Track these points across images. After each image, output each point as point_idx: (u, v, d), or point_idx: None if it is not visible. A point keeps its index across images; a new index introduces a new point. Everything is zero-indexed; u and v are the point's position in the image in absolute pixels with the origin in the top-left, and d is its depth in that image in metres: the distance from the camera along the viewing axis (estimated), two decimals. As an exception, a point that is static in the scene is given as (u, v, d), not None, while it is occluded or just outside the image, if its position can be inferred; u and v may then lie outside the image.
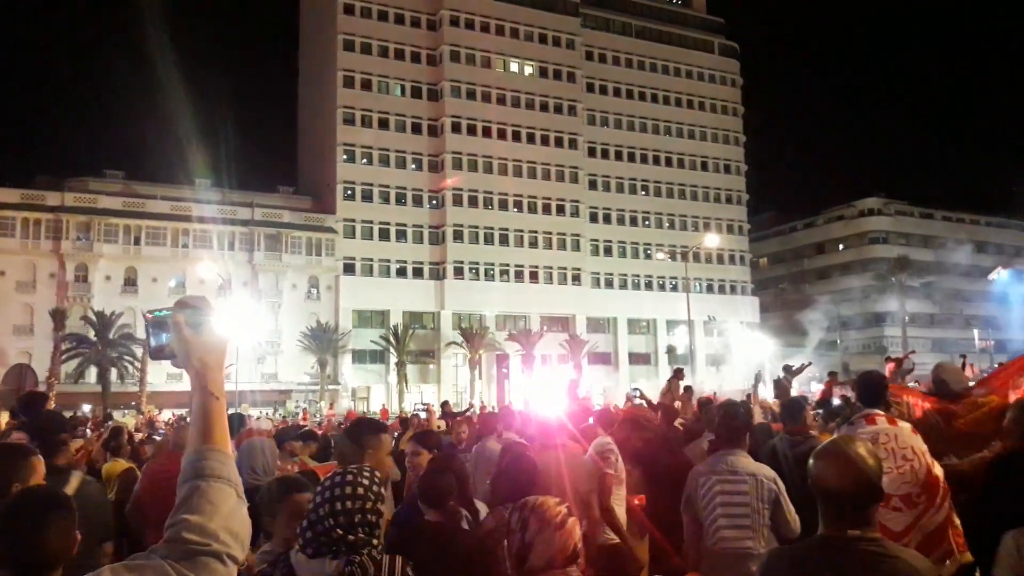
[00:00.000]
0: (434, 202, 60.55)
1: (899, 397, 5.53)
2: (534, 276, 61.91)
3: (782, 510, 4.16)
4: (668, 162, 69.34)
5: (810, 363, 14.90)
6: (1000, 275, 58.00)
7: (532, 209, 62.51)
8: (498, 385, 59.28)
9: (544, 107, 63.89)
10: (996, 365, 18.94)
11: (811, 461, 2.30)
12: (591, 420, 6.42)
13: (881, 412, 4.69)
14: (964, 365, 15.38)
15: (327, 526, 2.22)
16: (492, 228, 61.01)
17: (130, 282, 51.92)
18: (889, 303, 66.54)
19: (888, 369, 13.95)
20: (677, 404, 12.08)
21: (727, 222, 70.58)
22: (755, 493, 4.15)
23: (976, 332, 66.18)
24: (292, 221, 56.50)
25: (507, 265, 61.12)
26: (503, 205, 61.59)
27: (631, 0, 70.69)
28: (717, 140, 71.74)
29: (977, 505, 4.15)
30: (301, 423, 24.47)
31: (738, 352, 63.41)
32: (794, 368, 14.32)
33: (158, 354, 1.51)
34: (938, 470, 4.12)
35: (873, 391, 4.81)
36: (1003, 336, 66.78)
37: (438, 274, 59.58)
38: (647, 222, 68.06)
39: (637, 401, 10.27)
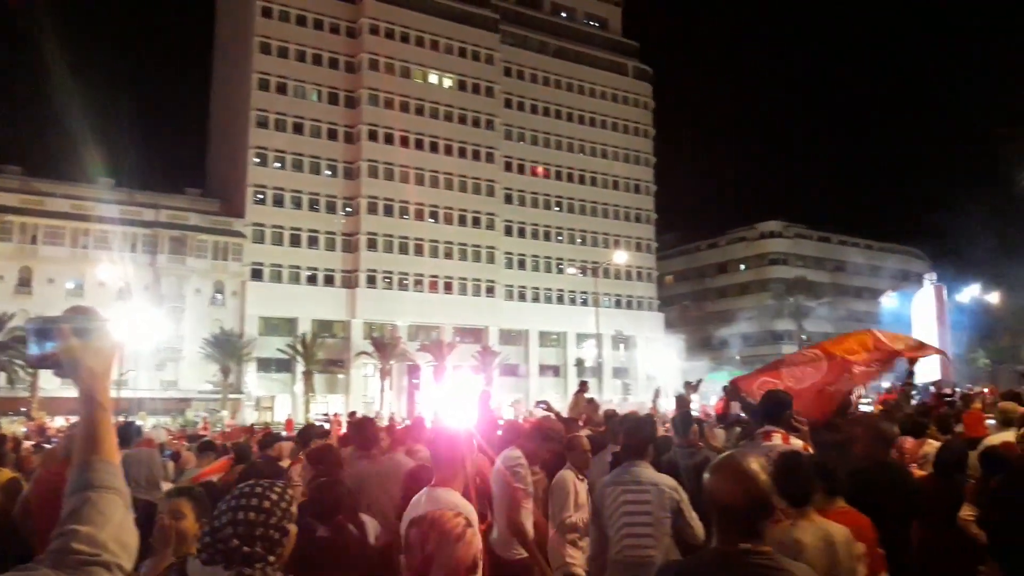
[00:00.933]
0: (348, 209, 59.91)
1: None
2: (448, 287, 61.96)
3: (684, 518, 4.26)
4: (581, 180, 70.64)
5: (701, 381, 15.58)
6: (891, 298, 61.40)
7: (448, 220, 62.62)
8: (409, 396, 58.98)
9: (462, 120, 64.20)
10: (883, 385, 19.76)
11: (705, 475, 2.33)
12: (499, 432, 6.58)
13: (778, 430, 4.86)
14: (698, 384, 16.37)
15: (226, 535, 2.15)
16: (407, 238, 60.77)
17: (24, 283, 49.37)
18: (786, 322, 69.51)
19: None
20: (582, 417, 12.50)
21: (636, 240, 72.33)
22: (657, 502, 4.25)
23: (866, 352, 69.52)
24: (199, 224, 54.88)
25: (421, 275, 60.97)
26: (419, 215, 61.46)
27: (549, 20, 71.96)
28: (628, 160, 73.51)
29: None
30: (201, 433, 23.79)
31: (643, 366, 65.18)
32: (693, 383, 15.00)
33: (39, 363, 1.49)
34: None
35: (772, 409, 5.01)
36: (891, 356, 70.34)
37: (350, 282, 58.92)
38: (560, 237, 69.12)
39: (544, 413, 10.57)
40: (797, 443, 4.50)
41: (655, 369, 59.60)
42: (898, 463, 5.33)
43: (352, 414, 20.46)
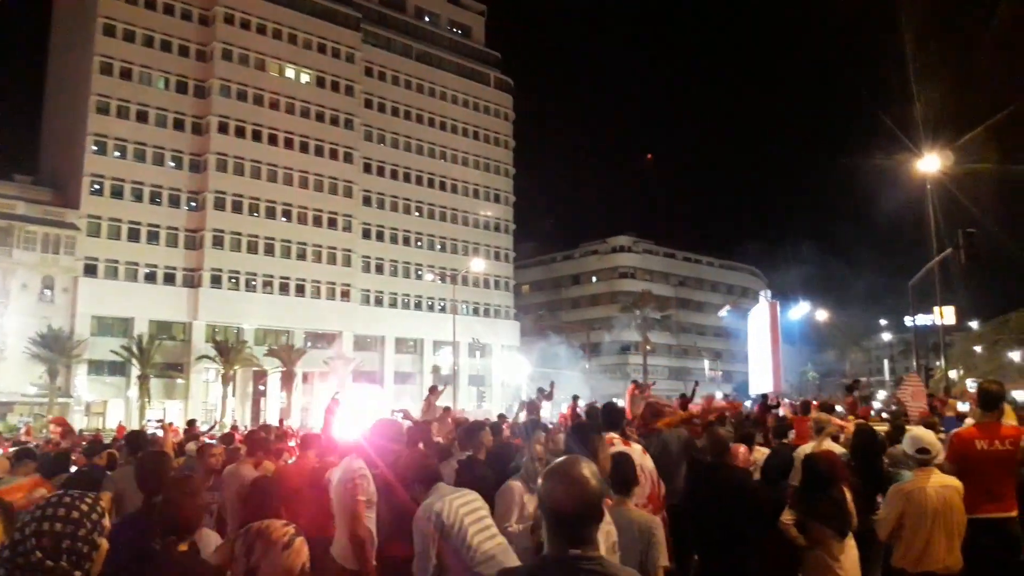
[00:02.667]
0: (193, 204, 56.80)
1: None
2: (300, 289, 59.94)
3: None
4: (442, 186, 70.49)
5: (552, 387, 15.74)
6: (727, 312, 65.06)
7: (302, 220, 60.65)
8: (253, 403, 56.72)
9: (320, 117, 62.47)
10: (719, 393, 21.48)
11: (539, 481, 2.32)
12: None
13: (617, 435, 5.86)
14: (694, 391, 17.10)
15: (28, 547, 2.01)
16: (257, 236, 58.31)
17: None
18: (634, 333, 72.08)
19: (630, 389, 15.13)
20: (434, 423, 12.25)
21: (494, 249, 72.94)
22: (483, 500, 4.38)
23: (707, 363, 73.49)
24: (27, 214, 50.36)
25: (271, 276, 58.65)
26: (270, 213, 59.14)
27: (413, 23, 71.53)
28: (488, 170, 74.09)
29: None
30: (23, 439, 21.87)
31: (498, 374, 65.79)
32: (545, 391, 15.10)
33: None
34: (661, 488, 5.12)
35: (611, 418, 6.18)
36: (729, 368, 74.74)
37: (192, 282, 55.82)
38: (419, 243, 68.61)
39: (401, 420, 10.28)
40: (636, 447, 5.74)
41: (510, 377, 60.31)
42: (735, 465, 5.98)
43: (191, 422, 19.32)
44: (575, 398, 14.91)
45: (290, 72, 61.75)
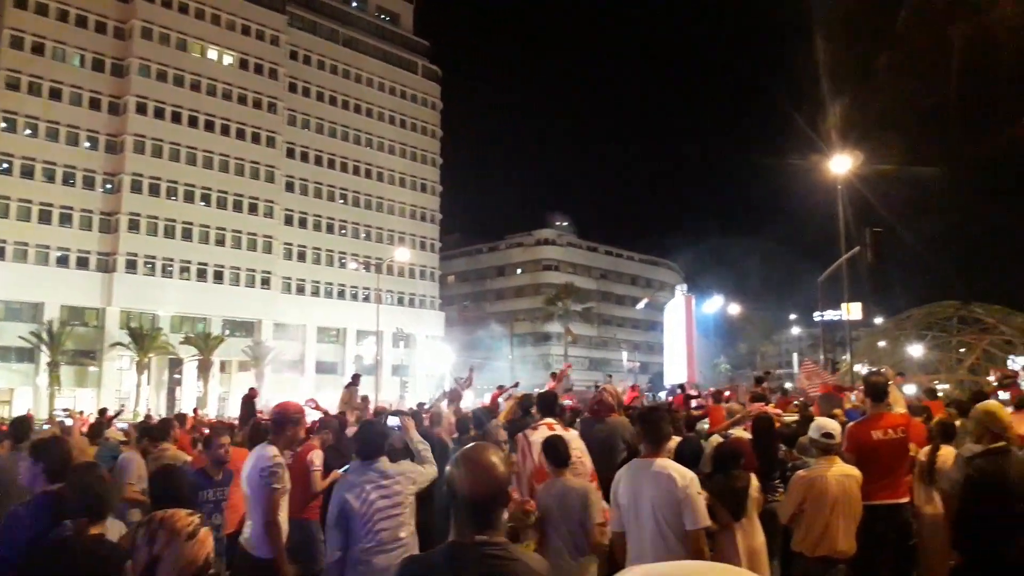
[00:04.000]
0: (109, 186, 54.88)
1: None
2: (219, 276, 58.67)
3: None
4: (368, 174, 69.83)
5: (471, 375, 16.10)
6: (645, 305, 66.61)
7: (222, 205, 59.29)
8: (169, 392, 55.42)
9: (243, 100, 61.09)
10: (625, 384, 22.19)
11: (447, 468, 2.37)
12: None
13: (553, 420, 6.41)
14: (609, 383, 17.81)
15: None
16: (174, 221, 56.72)
17: None
18: (556, 324, 73.06)
19: (550, 383, 15.65)
20: (354, 413, 12.50)
21: (420, 238, 72.76)
22: (405, 490, 4.60)
23: (625, 354, 75.09)
24: (-74, 193, 48.03)
25: (188, 262, 57.18)
26: (189, 197, 57.60)
27: (340, 8, 70.48)
28: (416, 159, 73.76)
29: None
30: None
31: (422, 363, 65.79)
32: (463, 380, 15.47)
33: None
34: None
35: (546, 404, 6.94)
36: (647, 359, 76.55)
37: (107, 266, 54.02)
38: (343, 231, 67.88)
39: (312, 410, 10.46)
40: (573, 432, 6.29)
41: (434, 367, 60.41)
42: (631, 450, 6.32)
43: (102, 411, 18.94)
44: (500, 387, 15.31)
45: (213, 53, 60.17)
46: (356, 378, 14.75)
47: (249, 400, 13.18)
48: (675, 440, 7.84)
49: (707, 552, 4.57)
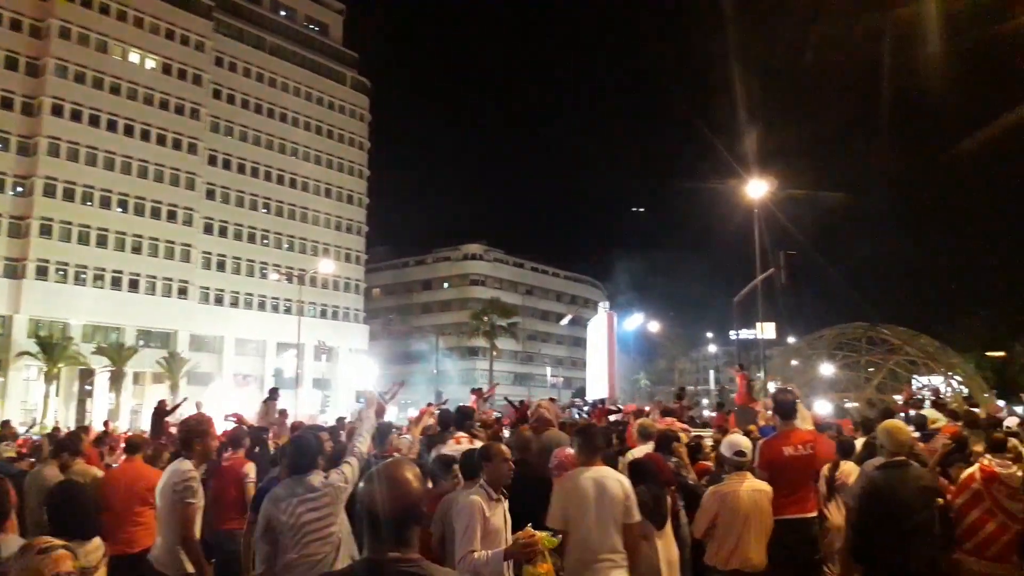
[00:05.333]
0: (20, 189, 52.61)
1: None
2: (134, 285, 56.77)
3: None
4: (292, 183, 68.83)
5: (397, 389, 16.08)
6: (569, 321, 67.46)
7: (139, 211, 57.43)
8: (79, 404, 53.25)
9: (164, 106, 59.48)
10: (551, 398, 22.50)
11: (360, 483, 2.37)
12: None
13: (464, 434, 6.83)
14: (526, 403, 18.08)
15: None
16: (89, 227, 54.71)
17: None
18: (481, 339, 73.23)
19: (472, 399, 15.79)
20: (272, 427, 12.42)
21: (345, 250, 72.01)
22: (335, 500, 4.47)
23: (549, 369, 75.78)
24: None
25: (103, 270, 55.19)
26: (105, 203, 55.65)
27: (268, 16, 69.52)
28: (343, 170, 73.08)
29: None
30: None
31: (345, 377, 64.91)
32: (387, 394, 15.44)
33: None
34: None
35: (460, 418, 7.34)
36: (570, 374, 77.42)
37: (15, 272, 51.64)
38: (265, 241, 66.63)
39: (233, 424, 10.37)
40: (477, 443, 6.39)
41: (357, 380, 59.65)
42: (533, 462, 6.56)
43: (5, 423, 18.22)
44: (431, 404, 15.39)
45: (134, 56, 58.48)
46: (274, 392, 14.65)
47: (159, 413, 12.94)
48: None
49: (642, 542, 4.96)
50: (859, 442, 7.74)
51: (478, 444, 6.65)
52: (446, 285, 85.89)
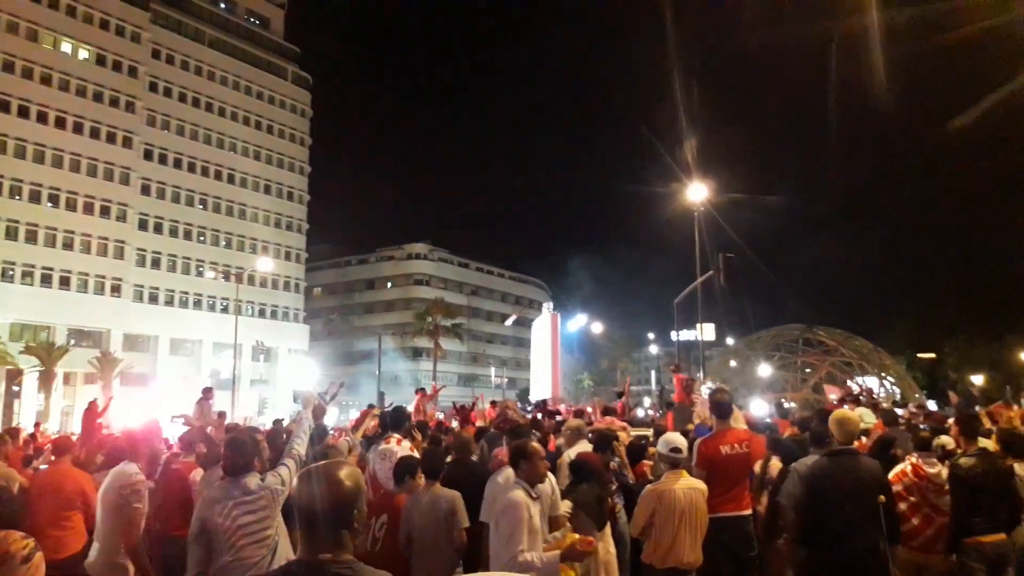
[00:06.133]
0: (-59, 184, 50.62)
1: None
2: (65, 282, 54.94)
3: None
4: (231, 179, 67.48)
5: (339, 390, 15.93)
6: (513, 322, 67.61)
7: (71, 206, 55.62)
8: (6, 405, 51.24)
9: (98, 98, 57.67)
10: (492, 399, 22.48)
11: (294, 483, 2.43)
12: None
13: (397, 435, 6.82)
14: (475, 404, 18.10)
15: None
16: (17, 222, 52.72)
17: None
18: (425, 339, 72.94)
19: (417, 400, 15.69)
20: (210, 428, 12.14)
21: (285, 248, 70.90)
22: (271, 503, 4.40)
23: (493, 370, 75.83)
24: None
25: (32, 266, 53.25)
26: (35, 197, 53.69)
27: (208, 8, 68.03)
28: (283, 166, 71.95)
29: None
30: None
31: (284, 378, 63.87)
32: (327, 396, 15.27)
33: None
34: None
35: (396, 419, 7.29)
36: (515, 375, 77.61)
37: (-62, 270, 49.66)
38: (202, 238, 65.17)
39: (183, 426, 10.14)
40: (407, 444, 6.65)
41: (297, 381, 58.76)
42: (471, 461, 6.80)
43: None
44: (371, 406, 15.21)
45: (66, 46, 56.52)
46: (208, 392, 14.29)
47: (90, 414, 12.54)
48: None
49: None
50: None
51: (407, 445, 6.71)
52: (390, 285, 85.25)
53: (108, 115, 58.10)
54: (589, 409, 17.23)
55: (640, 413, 21.89)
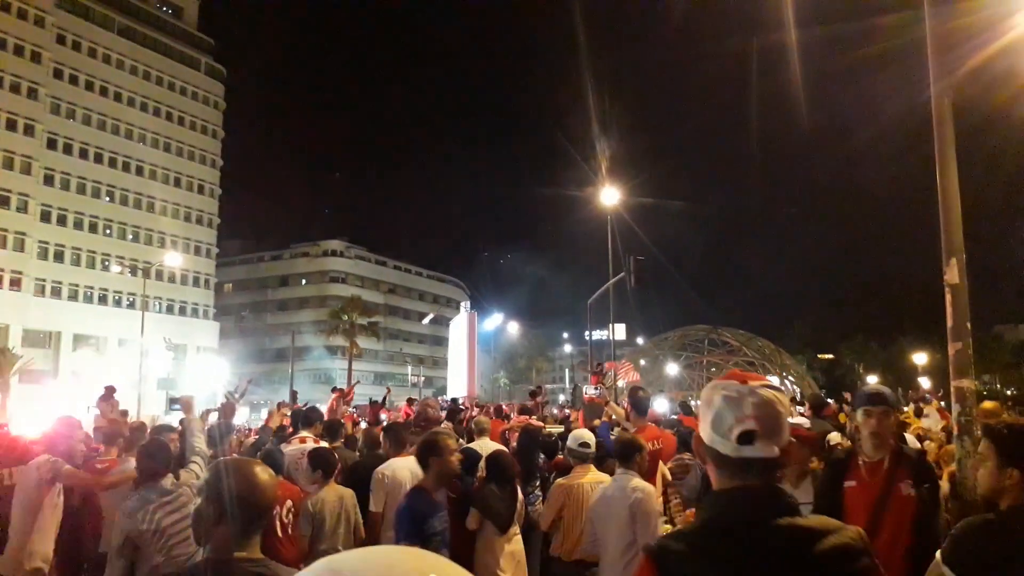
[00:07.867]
0: None
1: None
2: (-40, 276, 52.45)
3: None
4: (139, 171, 65.41)
5: (246, 389, 15.90)
6: (430, 321, 67.78)
7: (-33, 197, 53.17)
8: None
9: (-2, 83, 55.30)
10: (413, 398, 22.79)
11: (207, 480, 2.34)
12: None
13: (309, 435, 7.16)
14: (385, 398, 18.33)
15: None
16: (-93, 211, 50.18)
17: None
18: (341, 337, 72.23)
19: (333, 399, 15.81)
20: (115, 424, 12.09)
21: (195, 243, 69.17)
22: (191, 499, 4.44)
23: (410, 368, 75.70)
24: None
25: (-77, 259, 50.67)
26: (-74, 186, 51.17)
27: (119, -5, 65.82)
28: (194, 158, 70.15)
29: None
30: None
31: (192, 376, 62.25)
32: (236, 394, 15.26)
33: None
34: None
35: (308, 418, 7.59)
36: (432, 373, 77.68)
37: None
38: (107, 231, 62.99)
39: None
40: (324, 444, 6.71)
41: (206, 380, 57.44)
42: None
43: None
44: (281, 403, 15.25)
45: (-37, 29, 53.94)
46: (109, 390, 14.07)
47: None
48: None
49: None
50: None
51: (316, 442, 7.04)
52: (304, 282, 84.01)
53: (9, 102, 55.68)
54: (505, 407, 17.77)
55: (555, 411, 22.51)
